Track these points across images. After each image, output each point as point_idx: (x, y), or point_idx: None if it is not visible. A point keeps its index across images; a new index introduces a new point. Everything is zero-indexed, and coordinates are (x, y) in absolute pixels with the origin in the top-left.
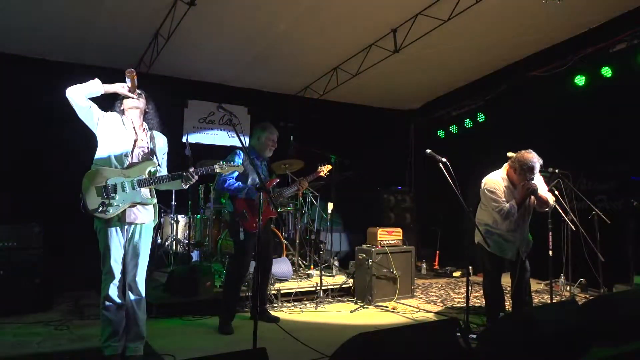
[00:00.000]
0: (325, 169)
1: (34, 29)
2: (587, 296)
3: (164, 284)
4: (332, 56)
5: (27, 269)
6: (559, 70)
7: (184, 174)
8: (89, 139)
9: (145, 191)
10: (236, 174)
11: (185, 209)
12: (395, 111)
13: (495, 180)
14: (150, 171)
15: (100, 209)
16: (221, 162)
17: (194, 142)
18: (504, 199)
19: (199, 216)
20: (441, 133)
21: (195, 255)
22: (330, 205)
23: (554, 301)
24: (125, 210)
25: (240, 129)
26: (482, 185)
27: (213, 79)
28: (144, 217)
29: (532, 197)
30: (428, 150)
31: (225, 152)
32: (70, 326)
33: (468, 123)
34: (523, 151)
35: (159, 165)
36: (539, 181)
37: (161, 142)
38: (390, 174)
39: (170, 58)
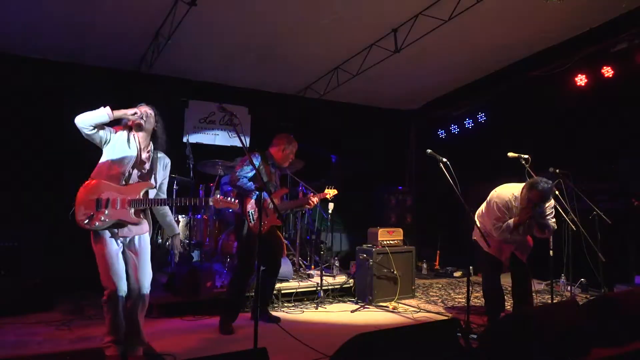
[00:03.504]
0: (331, 193)
1: (34, 29)
2: (588, 296)
3: (165, 284)
4: (332, 56)
5: (28, 269)
6: (560, 70)
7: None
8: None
9: (136, 211)
10: (251, 174)
11: (186, 209)
12: (395, 111)
13: (508, 198)
14: (146, 192)
15: (87, 220)
16: (217, 196)
17: (195, 142)
18: (507, 217)
19: (199, 216)
20: (441, 133)
21: (195, 255)
22: (330, 206)
23: (554, 301)
24: (115, 225)
25: (241, 129)
26: (493, 194)
27: (213, 79)
28: (139, 229)
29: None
30: (429, 150)
31: (226, 152)
32: (71, 326)
33: (468, 123)
34: (542, 181)
35: (156, 187)
36: (549, 207)
37: (162, 166)
38: (391, 174)
39: (171, 58)
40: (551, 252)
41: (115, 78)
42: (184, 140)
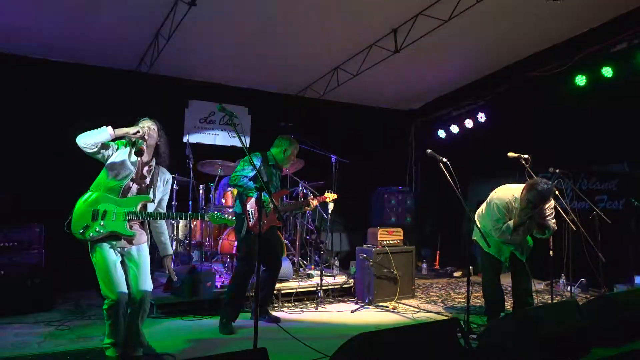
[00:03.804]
0: (331, 197)
1: (34, 29)
2: (588, 296)
3: (165, 284)
4: (332, 56)
5: (27, 269)
6: (560, 70)
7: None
8: None
9: (131, 224)
10: (251, 174)
11: (186, 209)
12: (395, 111)
13: (508, 199)
14: (144, 205)
15: (82, 231)
16: (216, 213)
17: (195, 142)
18: (507, 218)
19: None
20: (441, 133)
21: (195, 255)
22: (330, 206)
23: (554, 301)
24: (109, 236)
25: (241, 129)
26: (493, 195)
27: (214, 79)
28: (137, 240)
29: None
30: (429, 150)
31: (226, 152)
32: (71, 326)
33: (468, 123)
34: (542, 182)
35: (154, 201)
36: (549, 208)
37: (163, 181)
38: (390, 174)
39: (171, 58)
40: (551, 252)
41: (116, 78)
42: (184, 140)
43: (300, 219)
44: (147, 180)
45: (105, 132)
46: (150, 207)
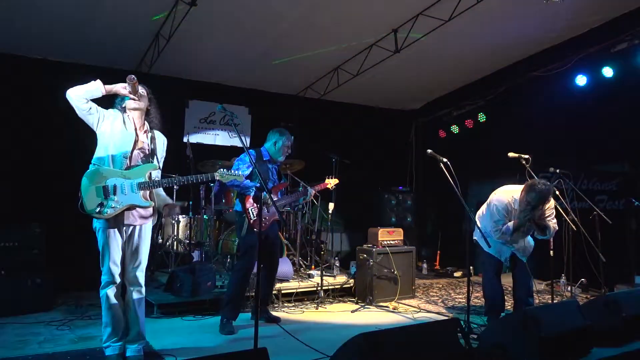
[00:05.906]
0: (332, 182)
1: (34, 29)
2: (588, 296)
3: (165, 284)
4: (332, 56)
5: (28, 269)
6: (560, 70)
7: (182, 180)
8: (89, 138)
9: (144, 194)
10: (247, 172)
11: (186, 209)
12: (396, 111)
13: (507, 200)
14: (150, 174)
15: (98, 209)
16: (222, 170)
17: (195, 142)
18: (507, 220)
19: (200, 216)
20: (442, 133)
21: (196, 255)
22: (331, 206)
23: (554, 301)
24: (123, 211)
25: (241, 129)
26: (493, 196)
27: (214, 79)
28: (143, 218)
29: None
30: (429, 151)
31: (226, 152)
32: (72, 326)
33: (468, 123)
34: (540, 183)
35: (160, 168)
36: (549, 208)
37: (161, 143)
38: (391, 174)
39: (171, 58)
40: (551, 252)
41: (116, 78)
42: (184, 140)
43: (300, 219)
44: (146, 146)
45: (96, 86)
46: (156, 174)
